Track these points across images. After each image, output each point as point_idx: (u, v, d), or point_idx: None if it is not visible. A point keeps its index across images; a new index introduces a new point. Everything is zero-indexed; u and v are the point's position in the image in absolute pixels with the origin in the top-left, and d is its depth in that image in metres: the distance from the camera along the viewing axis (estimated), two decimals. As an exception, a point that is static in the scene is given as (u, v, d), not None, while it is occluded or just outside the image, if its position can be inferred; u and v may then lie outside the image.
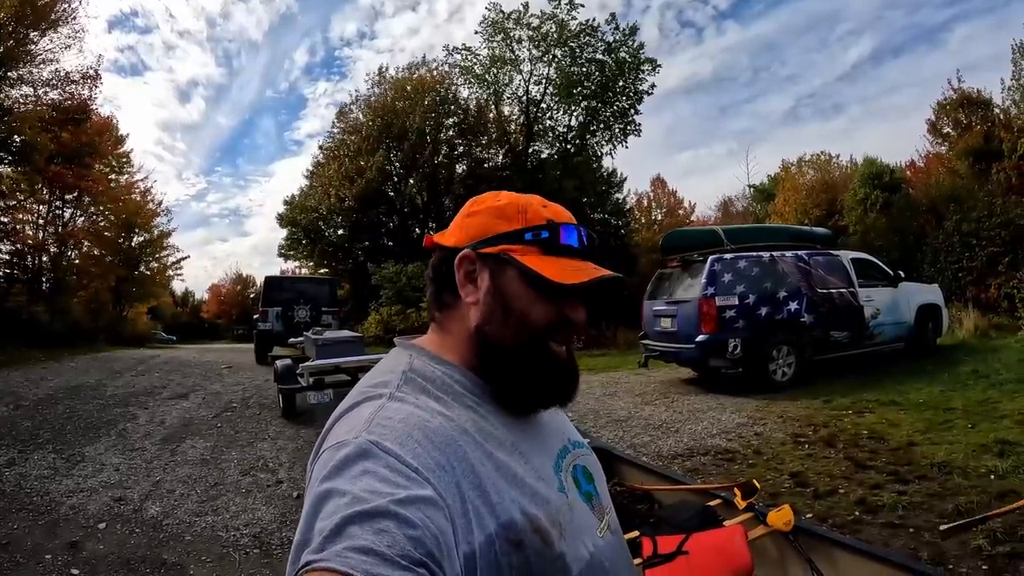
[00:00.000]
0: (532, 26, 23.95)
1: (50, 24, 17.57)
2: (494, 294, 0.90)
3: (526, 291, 0.89)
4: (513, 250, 0.89)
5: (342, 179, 24.62)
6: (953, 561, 3.23)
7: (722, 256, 8.61)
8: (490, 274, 0.90)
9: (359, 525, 0.61)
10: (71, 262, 22.49)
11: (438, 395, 0.86)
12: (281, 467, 5.98)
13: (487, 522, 0.75)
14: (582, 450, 1.02)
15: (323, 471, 0.71)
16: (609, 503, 1.00)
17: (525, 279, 0.88)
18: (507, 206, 0.92)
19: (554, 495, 0.85)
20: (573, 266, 0.89)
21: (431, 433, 0.77)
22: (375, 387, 0.87)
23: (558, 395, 0.94)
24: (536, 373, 0.90)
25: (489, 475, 0.79)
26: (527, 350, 0.89)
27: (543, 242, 0.90)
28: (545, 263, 0.88)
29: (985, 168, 17.04)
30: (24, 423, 7.46)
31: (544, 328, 0.90)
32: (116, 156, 24.58)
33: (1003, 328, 11.98)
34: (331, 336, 9.00)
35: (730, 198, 36.59)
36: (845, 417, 6.58)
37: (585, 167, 25.49)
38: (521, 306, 0.89)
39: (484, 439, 0.82)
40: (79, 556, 4.00)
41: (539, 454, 0.90)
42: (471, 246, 0.91)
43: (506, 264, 0.89)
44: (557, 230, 0.90)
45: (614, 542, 0.94)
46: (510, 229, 0.90)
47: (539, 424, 0.96)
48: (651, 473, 3.00)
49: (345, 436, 0.75)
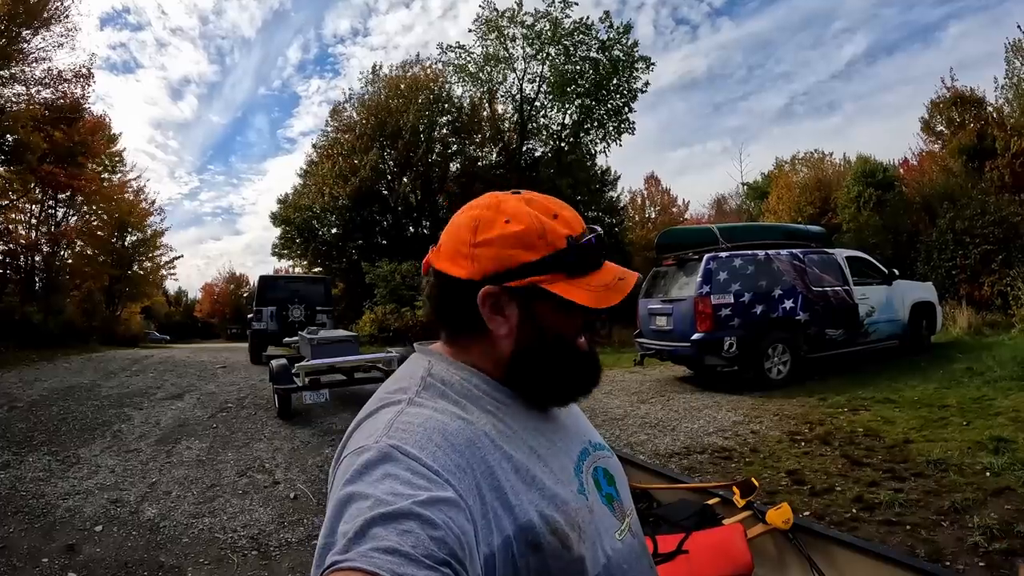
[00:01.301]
0: (526, 24, 23.97)
1: (43, 22, 17.50)
2: (527, 324, 0.90)
3: (561, 316, 0.90)
4: (541, 280, 0.87)
5: (336, 178, 24.60)
6: (950, 557, 3.24)
7: (717, 254, 8.63)
8: (519, 305, 0.89)
9: (383, 526, 0.61)
10: (64, 262, 22.39)
11: (457, 399, 0.87)
12: (278, 468, 5.97)
13: (505, 524, 0.76)
14: (603, 452, 1.03)
15: (345, 475, 0.71)
16: (631, 506, 1.01)
17: (558, 306, 0.88)
18: (525, 233, 0.87)
19: (573, 497, 0.86)
20: (600, 283, 0.89)
21: (450, 436, 0.78)
22: (394, 392, 0.88)
23: (584, 385, 0.97)
24: (566, 371, 0.93)
25: (508, 477, 0.79)
26: (564, 357, 0.92)
27: (567, 265, 0.88)
28: (575, 288, 0.88)
29: (978, 166, 17.07)
30: (18, 425, 7.43)
31: (576, 337, 0.93)
32: (109, 155, 24.46)
33: (997, 325, 12.04)
34: (326, 335, 8.99)
35: (724, 196, 36.74)
36: (841, 415, 6.60)
37: (579, 165, 25.55)
38: (559, 329, 0.91)
39: (503, 442, 0.83)
40: (76, 559, 3.98)
41: (559, 456, 0.91)
42: (491, 279, 0.88)
43: (536, 293, 0.88)
44: (582, 252, 0.89)
45: (634, 544, 0.95)
46: (534, 259, 0.87)
47: (559, 426, 0.97)
48: (649, 472, 3.00)
49: (366, 441, 0.76)
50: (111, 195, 23.87)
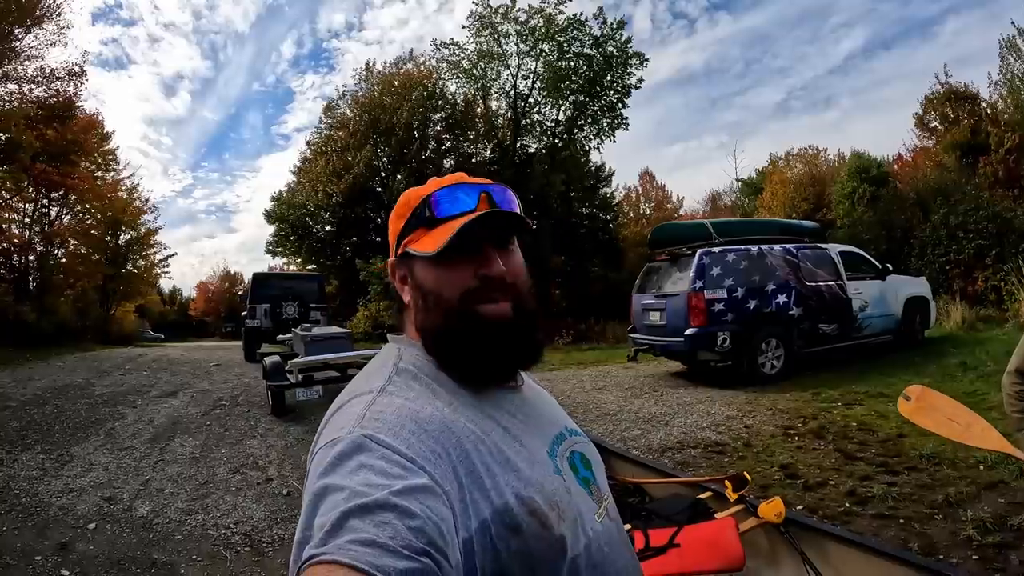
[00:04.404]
0: (519, 20, 23.87)
1: (35, 20, 17.42)
2: (416, 288, 0.93)
3: (431, 272, 0.90)
4: (408, 241, 0.91)
5: (329, 175, 24.51)
6: (943, 551, 3.25)
7: (710, 250, 8.64)
8: (408, 272, 0.94)
9: (359, 518, 0.61)
10: (58, 261, 22.28)
11: (429, 382, 0.87)
12: (271, 464, 5.96)
13: (482, 507, 0.75)
14: (579, 438, 1.03)
15: (319, 468, 0.71)
16: (607, 490, 1.01)
17: (427, 262, 0.90)
18: (400, 204, 0.95)
19: (549, 478, 0.86)
20: (452, 227, 0.87)
21: (423, 422, 0.77)
22: (366, 382, 0.87)
23: (514, 356, 0.94)
24: (477, 342, 0.89)
25: (483, 460, 0.79)
26: (455, 323, 0.89)
27: (425, 220, 0.90)
28: (426, 239, 0.89)
29: (972, 162, 17.12)
30: (12, 423, 7.39)
31: (461, 298, 0.89)
32: (102, 153, 24.34)
33: (990, 320, 12.06)
34: (319, 332, 8.97)
35: (718, 192, 36.79)
36: (834, 409, 6.62)
37: (573, 162, 25.52)
38: (431, 287, 0.90)
39: (476, 425, 0.83)
40: (69, 557, 3.97)
41: (533, 438, 0.90)
42: (395, 255, 0.95)
43: (410, 257, 0.92)
44: (428, 202, 0.91)
45: (612, 528, 0.94)
46: (403, 224, 0.93)
47: (532, 411, 0.96)
48: (642, 466, 3.00)
49: (338, 433, 0.75)
50: (104, 193, 23.78)
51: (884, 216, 17.71)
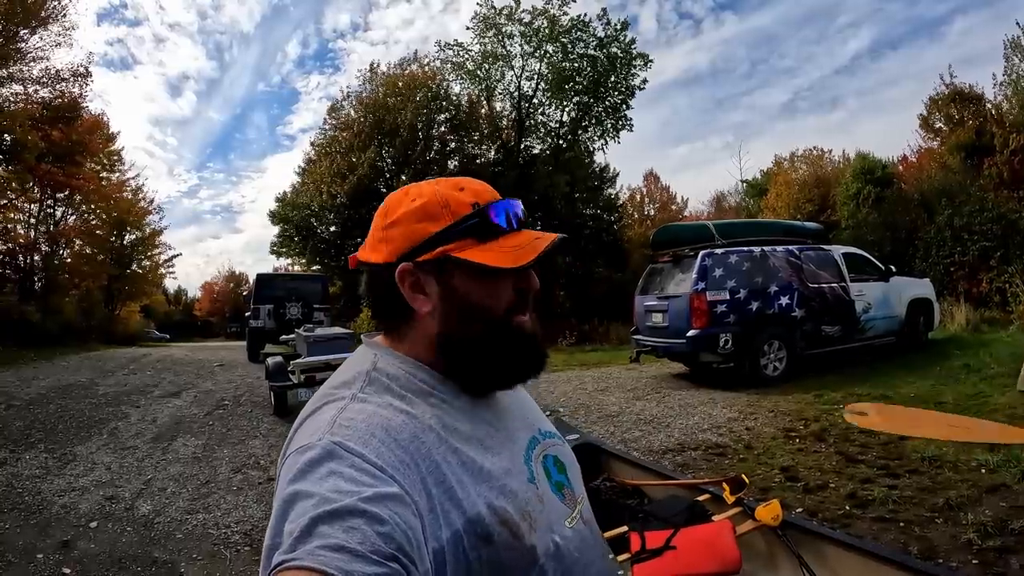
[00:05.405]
0: (524, 22, 23.89)
1: (40, 22, 17.52)
2: (448, 298, 0.89)
3: (479, 284, 0.88)
4: (451, 249, 0.87)
5: (334, 176, 24.52)
6: (943, 555, 3.24)
7: (713, 251, 8.63)
8: (437, 280, 0.89)
9: (329, 524, 0.61)
10: (63, 261, 22.40)
11: (402, 393, 0.86)
12: (272, 464, 5.95)
13: (453, 518, 0.75)
14: (553, 440, 1.02)
15: (289, 474, 0.71)
16: (582, 492, 1.00)
17: (474, 273, 0.87)
18: (428, 205, 0.89)
19: (522, 487, 0.86)
20: (513, 244, 0.88)
21: (394, 432, 0.77)
22: (339, 388, 0.87)
23: (522, 367, 0.94)
24: (508, 352, 0.91)
25: (454, 471, 0.79)
26: (496, 335, 0.89)
27: (476, 229, 0.88)
28: (486, 252, 0.87)
29: (977, 163, 17.06)
30: (16, 423, 7.43)
31: (506, 311, 0.90)
32: (107, 154, 24.47)
33: (994, 322, 12.04)
34: (322, 333, 8.98)
35: (723, 193, 36.71)
36: (836, 411, 6.59)
37: (577, 163, 25.47)
38: (480, 300, 0.89)
39: (448, 435, 0.83)
40: (70, 555, 3.98)
41: (507, 446, 0.90)
42: (405, 257, 0.89)
43: (450, 264, 0.88)
44: (485, 214, 0.89)
45: (585, 532, 0.94)
46: (440, 228, 0.88)
47: (507, 416, 0.96)
48: (641, 468, 3.00)
49: (309, 439, 0.75)
50: (109, 194, 23.89)
51: (888, 217, 17.68)
